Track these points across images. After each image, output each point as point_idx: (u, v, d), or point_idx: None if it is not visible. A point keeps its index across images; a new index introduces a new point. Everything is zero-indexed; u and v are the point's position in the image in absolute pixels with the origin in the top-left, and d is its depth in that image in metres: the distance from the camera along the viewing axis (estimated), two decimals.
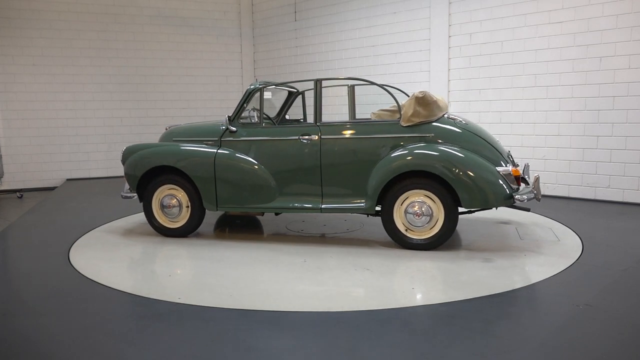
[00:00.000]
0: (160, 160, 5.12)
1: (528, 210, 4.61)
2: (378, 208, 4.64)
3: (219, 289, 3.67)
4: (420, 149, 4.46)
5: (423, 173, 4.41)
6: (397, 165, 4.46)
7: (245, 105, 5.12)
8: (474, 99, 7.58)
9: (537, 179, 4.43)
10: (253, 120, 5.22)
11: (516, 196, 4.28)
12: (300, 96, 6.05)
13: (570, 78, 6.66)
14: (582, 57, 6.53)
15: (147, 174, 5.17)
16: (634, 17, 6.11)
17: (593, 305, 3.19)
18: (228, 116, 5.15)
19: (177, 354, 2.69)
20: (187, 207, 5.14)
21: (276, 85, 5.44)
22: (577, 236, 4.86)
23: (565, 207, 6.27)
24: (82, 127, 9.63)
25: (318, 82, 4.85)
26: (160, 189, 5.19)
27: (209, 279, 3.90)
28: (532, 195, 4.36)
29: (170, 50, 10.20)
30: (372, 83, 4.88)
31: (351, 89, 5.74)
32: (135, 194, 5.26)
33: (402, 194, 4.51)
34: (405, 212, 4.51)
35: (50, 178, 9.43)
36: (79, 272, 4.08)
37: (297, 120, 5.95)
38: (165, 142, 5.44)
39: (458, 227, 5.11)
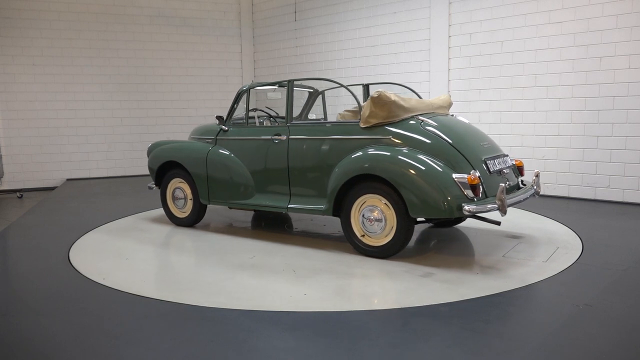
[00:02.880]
0: (168, 156, 5.65)
1: (498, 224, 4.30)
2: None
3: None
4: (369, 152, 4.28)
5: (379, 177, 4.17)
6: (348, 169, 4.33)
7: (235, 105, 5.40)
8: (474, 99, 7.58)
9: (502, 190, 3.87)
10: (244, 121, 5.43)
11: (466, 207, 3.84)
12: (320, 96, 6.13)
13: (570, 78, 6.66)
14: (582, 57, 6.53)
15: (166, 167, 5.71)
16: (634, 17, 6.12)
17: (593, 305, 3.19)
18: (217, 116, 5.48)
19: (177, 354, 2.69)
20: (190, 199, 5.58)
21: (264, 85, 5.66)
22: (577, 236, 4.86)
23: (565, 207, 6.27)
24: (82, 127, 9.64)
25: (290, 83, 4.98)
26: (172, 181, 5.71)
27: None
28: (495, 207, 3.89)
29: (170, 50, 10.20)
30: (341, 85, 4.87)
31: (365, 88, 5.77)
32: (154, 186, 5.91)
33: (358, 197, 4.33)
34: (362, 216, 4.32)
35: (50, 178, 9.43)
36: (79, 272, 4.08)
37: (318, 120, 6.04)
38: (181, 140, 6.02)
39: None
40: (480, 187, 4.00)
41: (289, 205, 4.81)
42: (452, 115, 4.95)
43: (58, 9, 9.31)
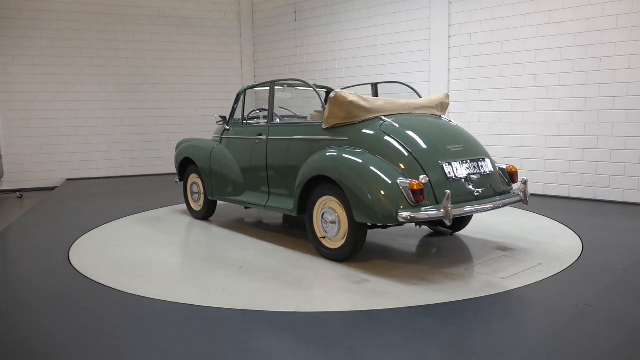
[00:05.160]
0: (186, 153, 6.07)
1: (450, 233, 4.09)
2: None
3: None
4: (325, 153, 4.23)
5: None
6: (306, 170, 4.32)
7: (235, 106, 5.68)
8: (474, 99, 7.58)
9: (447, 197, 3.62)
10: (240, 121, 5.69)
11: (402, 214, 3.62)
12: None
13: (570, 78, 6.66)
14: (582, 57, 6.53)
15: (187, 163, 6.09)
16: (634, 17, 6.11)
17: (593, 305, 3.19)
18: (220, 116, 5.80)
19: (177, 354, 2.69)
20: (202, 194, 5.91)
21: (257, 87, 5.78)
22: (577, 236, 4.86)
23: (565, 207, 6.27)
24: (82, 127, 9.64)
25: (272, 84, 5.12)
26: (191, 176, 6.09)
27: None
28: (437, 215, 3.66)
29: (170, 50, 10.21)
30: (309, 86, 4.89)
31: (374, 88, 5.76)
32: (177, 180, 6.34)
33: (319, 199, 4.28)
34: (322, 218, 4.26)
35: (50, 178, 9.44)
36: (79, 272, 4.08)
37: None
38: (200, 138, 6.37)
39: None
40: (425, 193, 3.74)
41: (267, 204, 4.94)
42: (439, 116, 4.71)
43: (58, 9, 9.31)
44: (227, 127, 5.69)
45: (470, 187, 4.02)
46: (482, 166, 4.20)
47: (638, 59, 6.13)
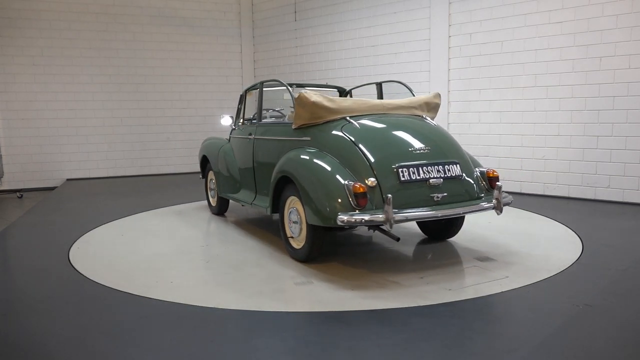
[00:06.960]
0: (203, 151, 6.43)
1: (397, 239, 4.03)
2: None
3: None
4: (290, 154, 4.27)
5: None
6: (276, 170, 4.35)
7: (239, 107, 5.88)
8: (474, 99, 7.58)
9: (388, 201, 3.49)
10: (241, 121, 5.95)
11: (340, 216, 3.55)
12: (348, 95, 6.20)
13: (570, 78, 6.66)
14: (582, 57, 6.53)
15: (207, 161, 6.38)
16: (634, 17, 6.12)
17: (593, 305, 3.19)
18: (230, 116, 6.07)
19: (177, 354, 2.69)
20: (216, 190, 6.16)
21: (254, 88, 5.79)
22: (577, 236, 4.86)
23: (565, 207, 6.27)
24: (82, 127, 9.64)
25: (261, 84, 5.28)
26: (209, 173, 6.36)
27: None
28: (379, 219, 3.54)
29: (170, 50, 10.20)
30: (284, 85, 4.90)
31: (379, 87, 5.75)
32: (200, 177, 6.67)
33: (287, 198, 4.26)
34: (289, 217, 4.25)
35: (50, 178, 9.44)
36: (79, 272, 4.08)
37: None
38: (218, 137, 6.59)
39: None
40: (369, 196, 3.64)
41: (253, 202, 5.11)
42: (420, 117, 4.50)
43: (58, 9, 9.31)
44: (234, 127, 5.95)
45: (430, 191, 3.81)
46: (448, 170, 3.93)
47: (638, 59, 6.14)
